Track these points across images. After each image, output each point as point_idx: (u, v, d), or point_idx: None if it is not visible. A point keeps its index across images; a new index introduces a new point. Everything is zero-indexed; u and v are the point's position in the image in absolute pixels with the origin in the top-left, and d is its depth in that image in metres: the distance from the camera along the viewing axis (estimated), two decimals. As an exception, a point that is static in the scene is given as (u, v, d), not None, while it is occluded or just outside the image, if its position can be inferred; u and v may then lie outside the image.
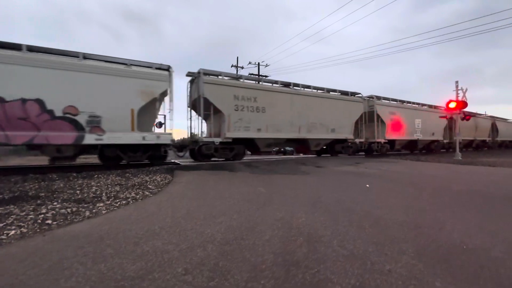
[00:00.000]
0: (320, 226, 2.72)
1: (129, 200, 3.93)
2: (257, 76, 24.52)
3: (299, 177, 6.12)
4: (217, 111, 10.10)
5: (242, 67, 27.11)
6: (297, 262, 1.92)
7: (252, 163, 9.59)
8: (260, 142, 11.12)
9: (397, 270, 1.80)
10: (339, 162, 10.08)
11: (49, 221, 2.89)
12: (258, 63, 26.94)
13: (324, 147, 14.04)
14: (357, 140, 14.44)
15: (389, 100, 16.13)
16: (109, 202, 3.80)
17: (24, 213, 3.16)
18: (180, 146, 10.22)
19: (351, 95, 14.23)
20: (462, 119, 13.72)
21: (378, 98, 15.45)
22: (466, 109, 14.99)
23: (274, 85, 11.79)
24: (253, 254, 2.06)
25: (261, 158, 13.46)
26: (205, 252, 2.09)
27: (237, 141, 10.39)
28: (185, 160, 11.19)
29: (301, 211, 3.27)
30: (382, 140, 15.29)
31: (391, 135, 15.68)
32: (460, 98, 13.04)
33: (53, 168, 7.56)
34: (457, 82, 13.17)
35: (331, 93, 13.63)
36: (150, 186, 4.98)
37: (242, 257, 2.01)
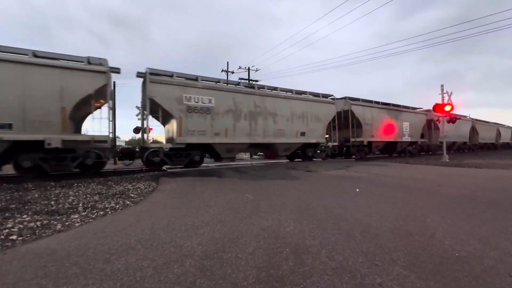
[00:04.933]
0: (308, 235, 2.58)
1: (107, 210, 3.69)
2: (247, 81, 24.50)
3: (289, 183, 5.99)
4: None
5: (233, 72, 27.10)
6: (281, 278, 1.77)
7: (240, 168, 9.42)
8: None
9: (388, 284, 1.67)
10: (329, 166, 10.03)
11: (14, 237, 2.64)
12: (248, 67, 26.97)
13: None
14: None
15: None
16: (85, 213, 3.55)
17: (-13, 228, 2.88)
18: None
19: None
20: (448, 121, 14.01)
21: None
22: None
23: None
24: (234, 269, 1.89)
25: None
26: (183, 268, 1.91)
27: None
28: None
29: (289, 219, 3.13)
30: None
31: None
32: (445, 102, 13.33)
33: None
34: (442, 86, 13.48)
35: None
36: (132, 195, 4.73)
37: (223, 273, 1.84)
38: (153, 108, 8.63)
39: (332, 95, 13.45)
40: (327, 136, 13.49)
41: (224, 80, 10.30)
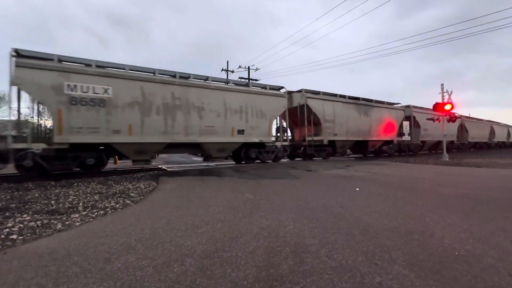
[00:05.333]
0: (308, 234, 2.59)
1: (107, 210, 3.69)
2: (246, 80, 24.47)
3: (288, 182, 6.00)
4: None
5: (233, 71, 27.08)
6: (281, 277, 1.77)
7: (240, 167, 9.42)
8: None
9: (388, 283, 1.68)
10: (329, 165, 10.04)
11: (14, 236, 2.64)
12: (248, 66, 26.94)
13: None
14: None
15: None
16: (85, 212, 3.55)
17: (-13, 227, 2.89)
18: None
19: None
20: (448, 121, 14.01)
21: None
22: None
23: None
24: (234, 268, 1.90)
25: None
26: (183, 268, 1.91)
27: None
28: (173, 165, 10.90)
29: (289, 218, 3.13)
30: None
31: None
32: (445, 100, 13.32)
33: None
34: (442, 85, 13.47)
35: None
36: (132, 194, 4.74)
37: (223, 272, 1.84)
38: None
39: (283, 87, 11.62)
40: (278, 134, 12.04)
41: (131, 67, 8.32)
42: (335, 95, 13.81)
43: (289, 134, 13.94)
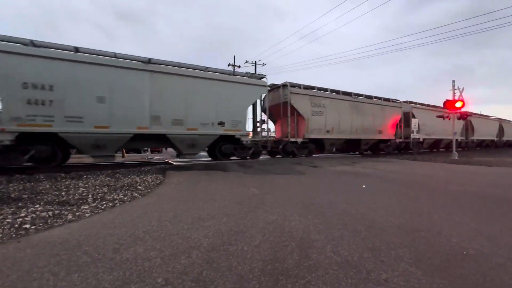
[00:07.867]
0: (313, 229, 2.59)
1: (116, 202, 3.77)
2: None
3: (294, 178, 6.00)
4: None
5: (239, 66, 26.97)
6: (287, 271, 1.79)
7: (246, 162, 9.45)
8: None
9: (394, 280, 1.67)
10: (335, 161, 9.98)
11: (27, 226, 2.72)
12: (255, 62, 26.82)
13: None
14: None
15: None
16: (94, 204, 3.63)
17: (1, 216, 2.98)
18: None
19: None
20: (459, 118, 13.71)
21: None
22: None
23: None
24: (240, 261, 1.92)
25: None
26: (190, 260, 1.94)
27: None
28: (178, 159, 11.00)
29: (295, 213, 3.14)
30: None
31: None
32: (456, 98, 13.02)
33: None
34: (453, 81, 13.16)
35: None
36: (140, 187, 4.81)
37: (229, 265, 1.87)
38: None
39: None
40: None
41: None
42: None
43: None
